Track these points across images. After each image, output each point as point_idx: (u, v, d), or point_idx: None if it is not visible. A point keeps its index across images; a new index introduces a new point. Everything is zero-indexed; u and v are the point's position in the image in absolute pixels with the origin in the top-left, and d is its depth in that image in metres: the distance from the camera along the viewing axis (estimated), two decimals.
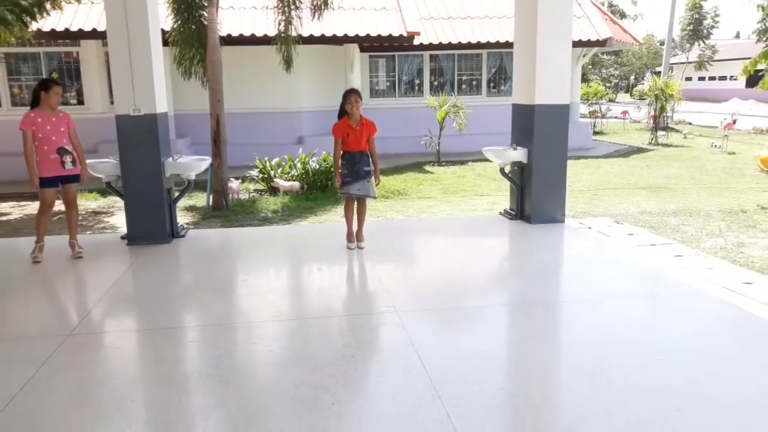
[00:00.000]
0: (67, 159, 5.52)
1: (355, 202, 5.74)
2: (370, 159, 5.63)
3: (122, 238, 6.30)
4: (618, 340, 3.71)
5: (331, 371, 3.33)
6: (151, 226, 6.13)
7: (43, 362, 3.49)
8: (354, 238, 5.81)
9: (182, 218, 8.47)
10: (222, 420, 2.87)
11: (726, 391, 3.07)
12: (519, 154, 6.65)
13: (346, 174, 5.53)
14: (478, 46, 15.53)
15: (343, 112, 5.57)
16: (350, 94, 5.52)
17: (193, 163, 6.37)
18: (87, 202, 9.89)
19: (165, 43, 8.56)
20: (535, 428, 2.78)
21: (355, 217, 5.83)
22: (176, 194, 6.44)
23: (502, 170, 6.96)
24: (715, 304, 4.34)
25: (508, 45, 14.14)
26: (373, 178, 5.63)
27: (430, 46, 15.47)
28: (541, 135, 6.47)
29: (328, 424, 2.79)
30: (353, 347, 3.71)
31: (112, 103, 6.19)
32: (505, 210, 7.26)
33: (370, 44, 14.57)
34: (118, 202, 9.08)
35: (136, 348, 3.85)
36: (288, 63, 10.32)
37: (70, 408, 2.99)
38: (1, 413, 2.94)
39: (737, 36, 66.08)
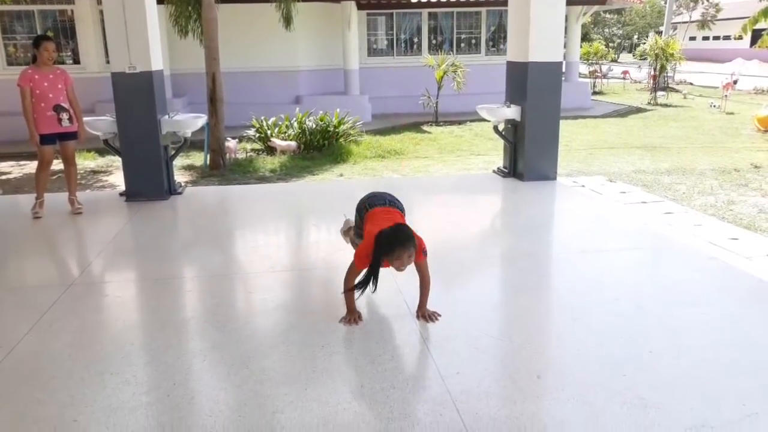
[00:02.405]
0: (64, 116, 5.59)
1: None
2: None
3: (121, 194, 6.42)
4: (599, 290, 3.86)
5: (322, 317, 3.48)
6: (149, 183, 6.23)
7: (47, 309, 3.64)
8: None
9: (180, 177, 8.57)
10: (218, 360, 3.03)
11: (697, 336, 3.21)
12: (512, 112, 6.70)
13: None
14: (477, 3, 15.36)
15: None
16: (401, 252, 3.04)
17: (189, 121, 6.44)
18: (85, 162, 9.97)
19: (160, 0, 8.51)
20: (514, 368, 2.93)
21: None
22: (173, 152, 6.52)
23: (495, 128, 7.02)
24: (698, 257, 4.47)
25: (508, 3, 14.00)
26: None
27: (429, 4, 15.31)
28: (535, 92, 6.51)
29: (317, 363, 2.94)
30: None
31: (108, 62, 6.21)
32: (498, 168, 7.34)
33: (367, 1, 14.42)
34: (116, 162, 9.16)
35: (135, 297, 4.00)
36: (288, 20, 10.26)
37: (74, 350, 3.14)
38: (10, 354, 3.10)
39: None
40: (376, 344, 3.15)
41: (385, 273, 3.23)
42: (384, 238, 3.06)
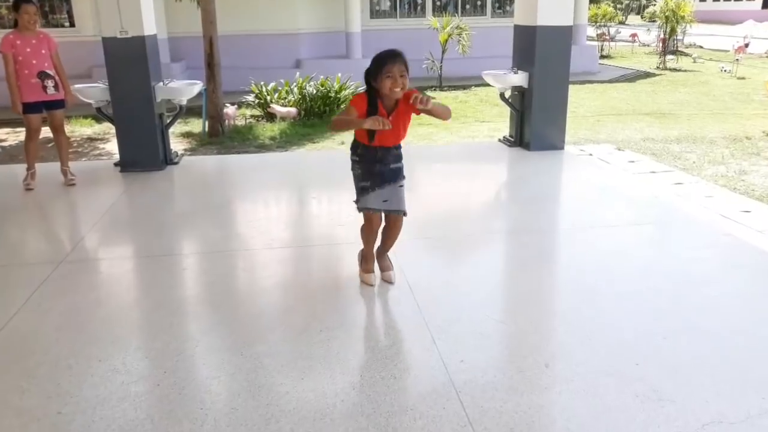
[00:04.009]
0: (49, 83, 5.36)
1: (383, 220, 3.44)
2: (401, 151, 3.38)
3: (115, 165, 6.26)
4: (609, 267, 3.71)
5: (321, 298, 3.35)
6: (144, 153, 6.06)
7: (37, 287, 3.51)
8: (373, 265, 3.58)
9: (178, 145, 8.37)
10: (211, 346, 2.90)
11: (712, 319, 3.06)
12: (519, 79, 6.46)
13: (361, 177, 3.33)
14: None
15: (370, 87, 3.19)
16: (391, 64, 3.12)
17: (184, 88, 6.22)
18: (82, 128, 9.76)
19: None
20: (519, 355, 2.80)
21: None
22: (168, 120, 6.33)
23: (502, 95, 6.79)
24: (711, 232, 4.31)
25: None
26: (404, 180, 3.35)
27: None
28: (543, 58, 6.26)
29: (314, 350, 2.82)
30: (344, 275, 3.72)
31: None
32: (504, 137, 7.13)
33: None
34: (113, 129, 8.95)
35: (129, 274, 3.87)
36: None
37: (62, 334, 3.02)
38: None
39: None
40: (377, 328, 3.03)
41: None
42: (377, 54, 3.19)
